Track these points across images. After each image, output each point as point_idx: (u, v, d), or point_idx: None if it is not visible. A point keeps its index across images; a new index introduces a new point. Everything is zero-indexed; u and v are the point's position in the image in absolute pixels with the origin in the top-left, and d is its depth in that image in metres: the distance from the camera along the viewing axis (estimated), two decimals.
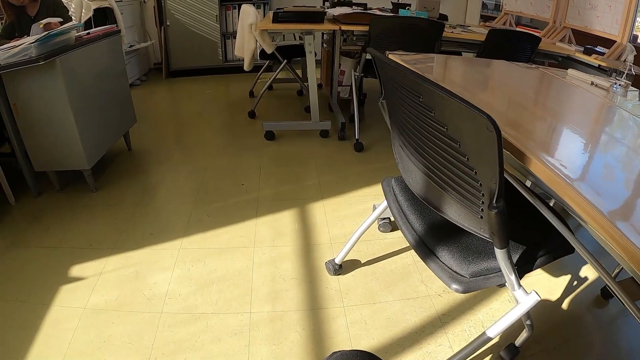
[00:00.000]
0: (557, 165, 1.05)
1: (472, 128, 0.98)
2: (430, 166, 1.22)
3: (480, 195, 1.04)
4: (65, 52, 2.50)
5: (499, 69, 2.45)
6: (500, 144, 0.93)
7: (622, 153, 1.27)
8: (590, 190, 0.96)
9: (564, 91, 2.11)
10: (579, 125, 1.60)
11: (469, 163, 1.04)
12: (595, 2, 3.98)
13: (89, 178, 2.79)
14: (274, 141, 3.70)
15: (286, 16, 3.43)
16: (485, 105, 1.65)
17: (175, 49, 5.88)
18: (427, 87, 1.07)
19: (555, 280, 2.14)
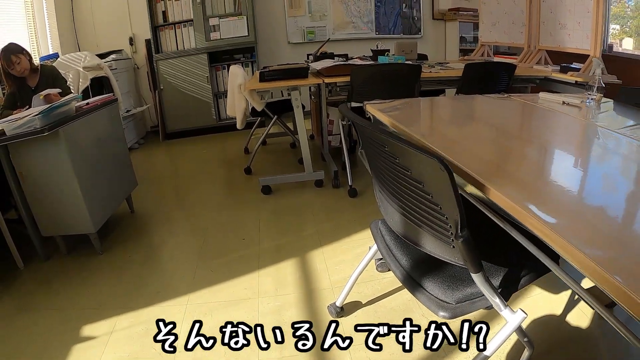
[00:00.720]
0: (511, 191, 1.16)
1: (429, 170, 1.12)
2: (405, 206, 1.35)
3: (448, 227, 1.16)
4: (67, 123, 2.66)
5: (470, 105, 2.60)
6: (453, 181, 1.06)
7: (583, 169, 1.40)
8: (544, 210, 1.06)
9: (537, 117, 2.25)
10: (548, 149, 1.73)
11: (433, 200, 1.17)
12: (564, 21, 4.18)
13: (95, 241, 2.89)
14: (271, 195, 3.81)
15: (272, 75, 3.60)
16: (454, 143, 1.79)
17: (170, 111, 6.09)
18: (388, 139, 1.23)
19: (555, 297, 2.22)
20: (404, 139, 1.17)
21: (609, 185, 1.35)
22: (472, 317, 2.08)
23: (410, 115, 2.21)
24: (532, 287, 2.31)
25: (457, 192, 1.08)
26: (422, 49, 6.04)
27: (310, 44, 6.62)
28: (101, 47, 5.98)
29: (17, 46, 3.31)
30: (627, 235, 0.98)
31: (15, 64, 3.25)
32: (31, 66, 3.38)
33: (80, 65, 4.70)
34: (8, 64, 3.24)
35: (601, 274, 0.82)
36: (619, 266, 0.84)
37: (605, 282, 0.81)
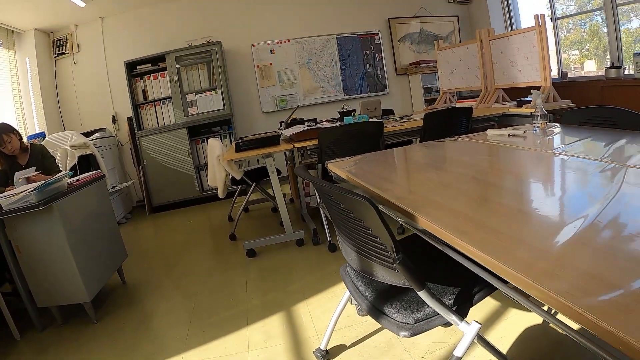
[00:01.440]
0: (438, 217, 1.38)
1: (363, 208, 1.37)
2: (356, 243, 1.58)
3: (388, 254, 1.38)
4: (61, 198, 2.84)
5: (420, 152, 2.82)
6: (380, 214, 1.31)
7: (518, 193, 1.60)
8: (466, 229, 1.26)
9: (478, 152, 2.48)
10: (476, 178, 1.96)
11: (373, 233, 1.40)
12: (514, 59, 4.51)
13: (89, 311, 2.99)
14: (255, 257, 3.96)
15: (246, 144, 3.82)
16: (393, 184, 2.03)
17: (154, 185, 6.29)
18: (330, 189, 1.51)
19: (533, 315, 2.38)
20: (340, 187, 1.45)
21: (537, 200, 1.57)
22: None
23: (364, 167, 2.41)
24: (509, 308, 2.49)
25: (385, 222, 1.32)
26: (389, 104, 6.39)
27: (283, 111, 6.96)
28: (85, 126, 6.26)
29: (8, 126, 3.51)
30: (556, 243, 1.11)
31: (6, 143, 3.43)
32: (21, 145, 3.57)
33: (67, 144, 4.93)
34: (0, 143, 3.42)
35: (539, 289, 0.91)
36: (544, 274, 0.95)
37: (542, 296, 0.91)
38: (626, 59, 5.51)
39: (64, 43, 6.43)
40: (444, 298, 1.53)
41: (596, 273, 0.93)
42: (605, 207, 1.29)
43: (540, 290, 0.91)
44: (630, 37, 5.51)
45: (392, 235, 1.33)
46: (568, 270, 0.97)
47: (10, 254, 2.82)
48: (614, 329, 0.75)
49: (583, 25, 6.27)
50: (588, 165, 1.84)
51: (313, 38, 7.16)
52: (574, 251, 1.07)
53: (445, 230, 1.26)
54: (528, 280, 0.94)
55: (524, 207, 1.51)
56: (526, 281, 0.94)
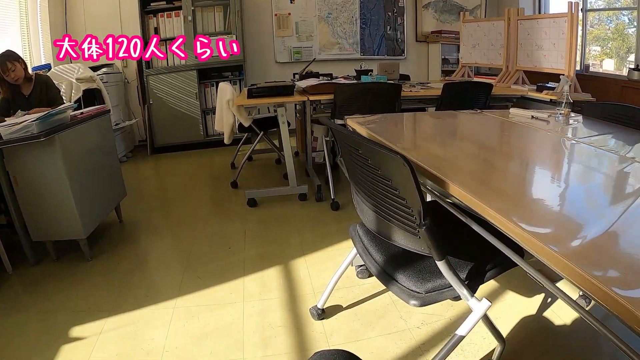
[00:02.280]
0: (470, 183, 1.31)
1: (394, 167, 1.27)
2: (377, 203, 1.48)
3: (413, 218, 1.29)
4: (63, 130, 2.74)
5: (443, 119, 2.76)
6: (414, 175, 1.21)
7: (542, 171, 1.55)
8: (501, 203, 1.19)
9: (505, 129, 2.42)
10: (505, 152, 1.91)
11: (400, 194, 1.31)
12: (540, 43, 4.36)
13: (84, 247, 2.95)
14: (256, 207, 3.90)
15: (259, 92, 3.72)
16: (422, 148, 1.96)
17: (158, 126, 6.17)
18: (362, 142, 1.39)
19: (529, 299, 2.35)
20: (374, 141, 1.33)
21: (564, 183, 1.51)
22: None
23: (386, 127, 2.36)
24: (507, 290, 2.44)
25: (418, 184, 1.22)
26: (405, 70, 6.23)
27: (296, 63, 6.77)
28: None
29: (14, 53, 3.39)
30: (587, 228, 1.08)
31: (9, 71, 3.31)
32: (26, 75, 3.45)
33: (73, 76, 4.80)
34: (3, 70, 3.30)
35: (569, 266, 0.88)
36: (582, 257, 0.92)
37: (573, 274, 0.88)
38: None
39: None
40: (458, 271, 1.46)
41: (635, 265, 0.89)
42: (634, 202, 1.25)
43: (582, 277, 0.85)
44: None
45: (423, 198, 1.24)
46: (606, 259, 0.93)
47: (8, 186, 2.75)
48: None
49: (609, 22, 6.08)
50: (614, 160, 1.78)
51: None
52: (609, 241, 1.03)
53: (478, 198, 1.20)
54: (570, 264, 0.88)
55: (554, 189, 1.45)
56: (568, 265, 0.89)
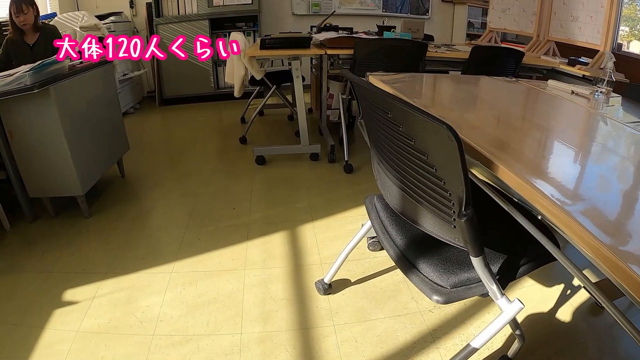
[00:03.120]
0: (524, 172, 1.11)
1: (435, 139, 1.04)
2: (405, 180, 1.27)
3: (450, 204, 1.09)
4: (59, 81, 2.58)
5: (477, 85, 2.54)
6: (462, 153, 0.98)
7: (594, 157, 1.35)
8: (556, 192, 1.01)
9: (545, 102, 2.19)
10: (556, 133, 1.68)
11: (437, 174, 1.09)
12: (576, 14, 4.10)
13: (82, 204, 2.84)
14: (264, 166, 3.75)
15: (273, 43, 3.52)
16: (460, 118, 1.73)
17: (168, 77, 6.00)
18: (394, 104, 1.13)
19: (548, 290, 2.18)
20: (412, 105, 1.07)
21: (617, 174, 1.29)
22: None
23: (415, 88, 2.15)
24: (524, 280, 2.27)
25: (465, 165, 1.00)
26: (428, 30, 5.95)
27: (314, 16, 6.49)
28: (101, 8, 5.84)
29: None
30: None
31: (21, 13, 3.17)
32: (35, 22, 3.30)
33: (77, 25, 4.60)
34: (17, 10, 3.16)
35: (614, 261, 0.78)
36: (631, 255, 0.80)
37: (617, 271, 0.77)
38: None
39: None
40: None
41: None
42: None
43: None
44: None
45: (468, 183, 1.02)
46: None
47: (3, 140, 2.61)
48: None
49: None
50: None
51: None
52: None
53: (530, 185, 1.02)
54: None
55: (607, 176, 1.26)
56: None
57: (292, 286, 2.19)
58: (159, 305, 2.06)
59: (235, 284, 2.21)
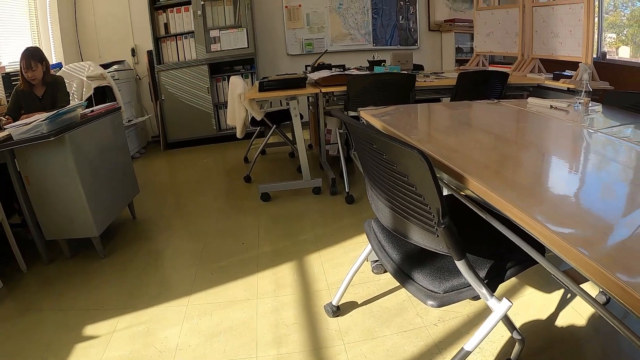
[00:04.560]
0: (491, 183, 1.25)
1: (412, 163, 1.21)
2: (393, 200, 1.43)
3: (431, 216, 1.24)
4: (73, 129, 2.73)
5: (460, 110, 2.70)
6: (433, 172, 1.15)
7: (563, 164, 1.48)
8: (525, 201, 1.14)
9: (523, 119, 2.35)
10: (529, 147, 1.83)
11: (417, 191, 1.25)
12: (556, 30, 4.27)
13: (97, 245, 2.94)
14: (270, 202, 3.87)
15: (271, 85, 3.68)
16: (440, 141, 1.89)
17: (171, 121, 6.17)
18: (376, 136, 1.34)
19: (549, 295, 2.28)
20: (389, 135, 1.26)
21: (589, 178, 1.44)
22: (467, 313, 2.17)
23: (401, 119, 2.30)
24: (526, 286, 2.38)
25: (436, 181, 1.16)
26: (418, 60, 6.14)
27: (308, 55, 6.73)
28: (104, 58, 6.08)
29: (40, 52, 3.38)
30: (617, 228, 1.03)
31: (29, 69, 3.29)
32: (44, 77, 3.40)
33: (84, 74, 4.79)
34: (27, 65, 3.27)
35: (592, 265, 0.84)
36: (606, 256, 0.87)
37: (605, 281, 0.82)
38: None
39: None
40: (477, 269, 1.40)
41: None
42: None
43: (610, 281, 0.79)
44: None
45: (442, 196, 1.19)
46: (636, 259, 0.86)
47: (20, 185, 2.75)
48: None
49: (624, 9, 5.94)
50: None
51: None
52: None
53: (498, 195, 1.14)
54: (596, 265, 0.83)
55: (582, 185, 1.38)
56: (594, 266, 0.83)
57: (303, 311, 2.29)
58: (177, 335, 2.16)
59: (248, 312, 2.31)
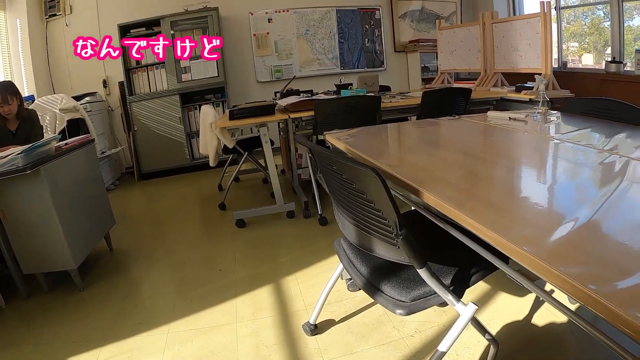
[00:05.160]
0: (443, 193, 1.35)
1: (368, 180, 1.31)
2: (356, 217, 1.53)
3: (390, 229, 1.33)
4: (48, 162, 2.76)
5: (420, 128, 2.82)
6: (386, 186, 1.26)
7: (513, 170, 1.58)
8: (472, 205, 1.24)
9: (480, 132, 2.47)
10: (480, 157, 1.95)
11: (375, 206, 1.35)
12: (516, 44, 4.45)
13: (75, 278, 2.94)
14: (245, 228, 3.92)
15: (241, 113, 3.76)
16: (398, 158, 2.03)
17: (144, 152, 6.20)
18: (334, 158, 1.45)
19: (523, 299, 2.39)
20: (346, 157, 1.37)
21: (541, 182, 1.55)
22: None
23: (364, 140, 2.39)
24: (499, 291, 2.48)
25: (390, 196, 1.26)
26: (385, 81, 6.32)
27: (278, 81, 6.84)
28: (76, 90, 6.09)
29: (14, 87, 3.36)
30: (563, 226, 1.09)
31: (5, 104, 3.26)
32: (18, 112, 3.39)
33: (57, 107, 4.81)
34: (2, 99, 3.25)
35: (543, 266, 0.90)
36: (557, 256, 0.93)
37: (548, 274, 0.89)
38: (626, 55, 5.51)
39: (56, 4, 6.22)
40: (442, 277, 1.50)
41: (611, 260, 0.91)
42: (610, 196, 1.27)
43: (554, 274, 0.88)
44: (631, 34, 5.52)
45: (397, 209, 1.28)
46: (581, 254, 0.94)
47: None
48: (632, 319, 0.71)
49: (584, 18, 6.25)
50: (591, 154, 1.82)
51: (312, 9, 7.01)
52: (585, 236, 1.04)
53: (452, 206, 1.23)
54: (540, 262, 0.91)
55: (531, 189, 1.49)
56: (538, 263, 0.92)
57: (282, 332, 2.34)
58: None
59: (228, 336, 2.35)
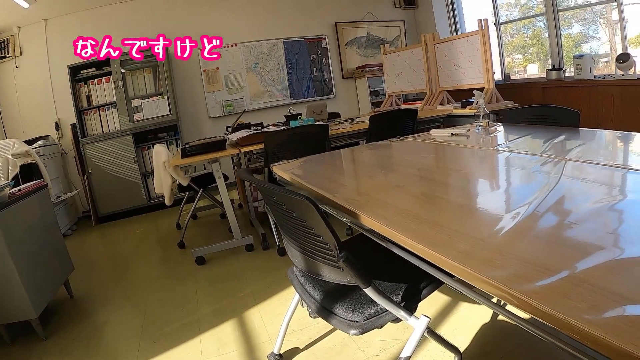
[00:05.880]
0: (383, 215, 1.42)
1: (304, 208, 1.39)
2: (300, 244, 1.60)
3: (332, 252, 1.41)
4: (2, 209, 2.73)
5: (363, 152, 2.91)
6: (320, 211, 1.34)
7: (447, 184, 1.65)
8: (408, 223, 1.32)
9: (420, 150, 2.58)
10: (417, 175, 2.05)
11: (315, 232, 1.43)
12: (458, 62, 4.67)
13: (37, 327, 2.89)
14: (205, 264, 3.94)
15: (192, 150, 3.80)
16: (337, 184, 2.09)
17: (100, 194, 6.14)
18: (272, 189, 1.53)
19: (482, 307, 2.47)
20: (281, 187, 1.46)
21: (476, 192, 1.67)
22: None
23: (309, 169, 2.47)
24: (460, 302, 2.58)
25: (326, 220, 1.35)
26: (335, 108, 6.49)
27: (230, 116, 6.93)
28: (28, 133, 6.03)
29: None
30: (491, 233, 1.17)
31: None
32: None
33: (9, 152, 4.74)
34: None
35: (479, 278, 0.95)
36: (479, 260, 1.01)
37: (484, 285, 0.94)
38: (567, 62, 5.85)
39: (5, 46, 6.18)
40: (392, 294, 1.58)
41: (535, 260, 0.99)
42: (544, 198, 1.37)
43: (480, 279, 0.95)
44: (571, 42, 5.87)
45: (334, 233, 1.35)
46: (508, 258, 1.02)
47: None
48: (553, 311, 0.79)
49: (526, 30, 6.61)
50: (529, 160, 1.95)
51: (260, 42, 7.18)
52: (514, 240, 1.13)
53: (387, 226, 1.31)
54: (468, 269, 0.99)
55: (467, 202, 1.58)
56: (466, 271, 0.99)
57: None
58: None
59: None
